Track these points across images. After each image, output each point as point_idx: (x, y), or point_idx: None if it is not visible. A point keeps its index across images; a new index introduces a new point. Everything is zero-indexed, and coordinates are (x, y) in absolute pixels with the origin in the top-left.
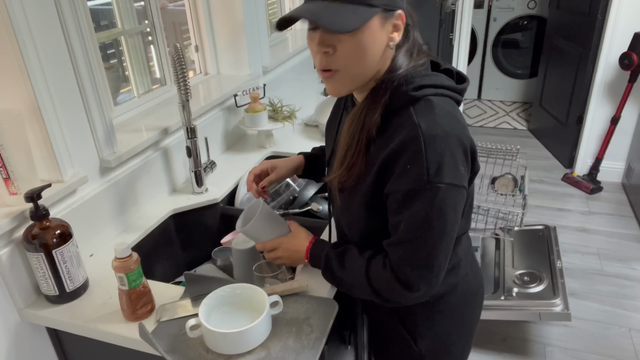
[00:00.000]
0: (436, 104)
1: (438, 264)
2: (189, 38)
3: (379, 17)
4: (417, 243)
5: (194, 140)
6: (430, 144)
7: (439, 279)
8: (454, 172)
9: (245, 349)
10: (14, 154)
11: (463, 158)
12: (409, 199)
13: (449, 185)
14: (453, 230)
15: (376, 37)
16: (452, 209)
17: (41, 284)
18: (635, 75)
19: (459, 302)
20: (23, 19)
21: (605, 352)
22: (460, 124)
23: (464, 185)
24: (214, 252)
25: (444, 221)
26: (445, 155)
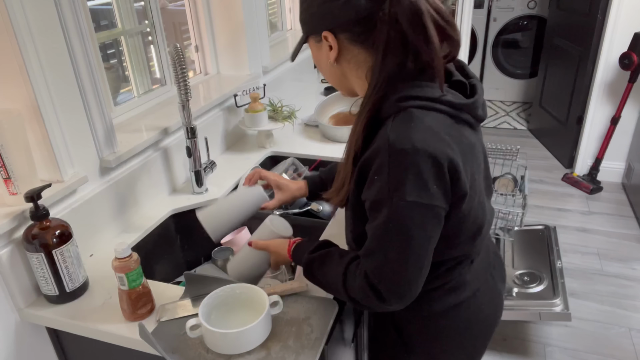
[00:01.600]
0: (416, 117)
1: (406, 280)
2: (189, 38)
3: (312, 41)
4: (382, 256)
5: (194, 140)
6: (395, 158)
7: (411, 293)
8: (419, 190)
9: (245, 349)
10: (14, 154)
11: (435, 177)
12: (374, 209)
13: (412, 203)
14: (422, 249)
15: (318, 55)
16: (418, 227)
17: (41, 284)
18: (635, 75)
19: (459, 325)
20: (23, 19)
21: (605, 352)
22: (442, 141)
23: (436, 204)
24: (214, 252)
25: (407, 238)
26: (409, 171)
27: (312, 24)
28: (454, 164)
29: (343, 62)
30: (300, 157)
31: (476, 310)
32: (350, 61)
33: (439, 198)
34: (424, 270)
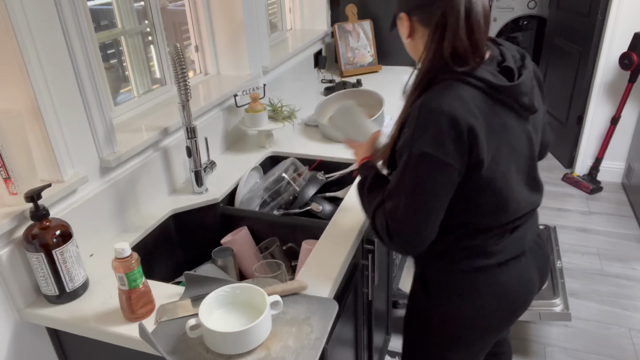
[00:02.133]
0: (451, 87)
1: (412, 228)
2: (189, 38)
3: (398, 20)
4: (396, 198)
5: (194, 140)
6: (423, 114)
7: (414, 242)
8: (436, 144)
9: (245, 349)
10: (14, 154)
11: (454, 137)
12: (398, 157)
13: (427, 154)
14: (430, 201)
15: (400, 31)
16: (429, 178)
17: (41, 284)
18: (635, 75)
19: (484, 293)
20: (23, 19)
21: (605, 352)
22: (468, 110)
23: (448, 162)
24: (214, 252)
25: (417, 186)
26: (431, 127)
27: (396, 5)
28: (474, 131)
29: (415, 39)
30: (300, 157)
31: (499, 283)
32: (420, 39)
33: (453, 157)
34: (430, 224)
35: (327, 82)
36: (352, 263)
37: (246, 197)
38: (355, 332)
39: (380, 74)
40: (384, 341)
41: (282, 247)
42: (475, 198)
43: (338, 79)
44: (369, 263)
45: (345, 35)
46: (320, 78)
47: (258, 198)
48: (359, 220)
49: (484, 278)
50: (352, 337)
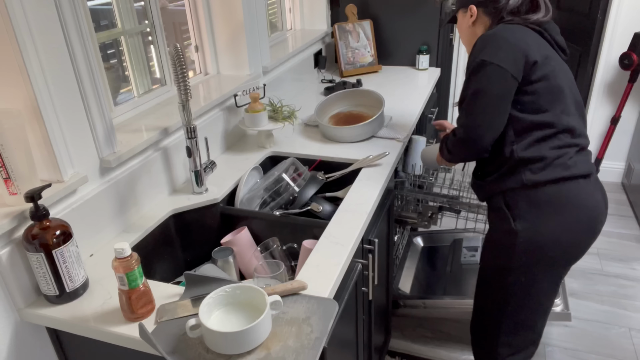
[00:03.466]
0: (504, 26)
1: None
2: (189, 38)
3: (461, 12)
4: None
5: (194, 140)
6: (483, 39)
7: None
8: (494, 54)
9: (245, 349)
10: (14, 154)
11: (508, 50)
12: (466, 74)
13: (486, 61)
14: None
15: (461, 22)
16: (488, 80)
17: (41, 284)
18: (635, 75)
19: (561, 202)
20: (23, 19)
21: (605, 352)
22: (519, 37)
23: (505, 67)
24: (214, 252)
25: (479, 90)
26: (489, 44)
27: (464, 2)
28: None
29: (476, 25)
30: (300, 157)
31: (574, 194)
32: (480, 25)
33: (509, 64)
34: (494, 124)
35: (327, 82)
36: (352, 263)
37: (246, 197)
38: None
39: (380, 74)
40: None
41: (282, 247)
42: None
43: (338, 79)
44: (369, 263)
45: (345, 35)
46: (320, 78)
47: (258, 198)
48: (359, 220)
49: (565, 190)
50: (352, 337)
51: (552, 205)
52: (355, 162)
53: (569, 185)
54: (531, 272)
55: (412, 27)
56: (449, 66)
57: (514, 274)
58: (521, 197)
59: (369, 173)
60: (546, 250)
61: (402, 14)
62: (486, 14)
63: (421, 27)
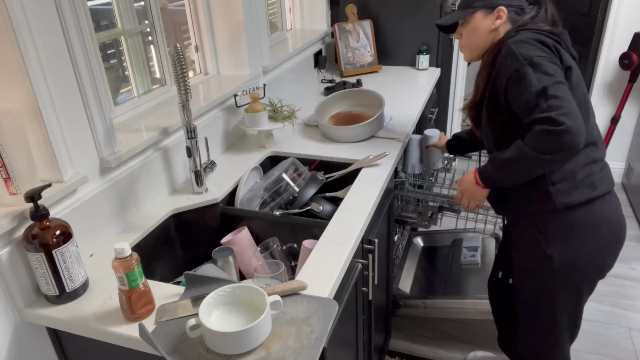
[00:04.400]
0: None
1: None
2: (189, 38)
3: (481, 13)
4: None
5: (194, 140)
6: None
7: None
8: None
9: (245, 349)
10: (14, 154)
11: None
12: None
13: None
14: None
15: (481, 24)
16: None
17: (41, 284)
18: (635, 75)
19: (593, 222)
20: (23, 19)
21: (605, 352)
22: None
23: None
24: (214, 252)
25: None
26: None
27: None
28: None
29: (499, 30)
30: (300, 157)
31: (604, 213)
32: (502, 30)
33: (552, 57)
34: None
35: (327, 82)
36: (352, 263)
37: (246, 197)
38: (356, 332)
39: (380, 74)
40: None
41: (282, 247)
42: None
43: (338, 79)
44: (369, 263)
45: (345, 35)
46: (320, 78)
47: (258, 198)
48: (359, 220)
49: (596, 210)
50: (352, 337)
51: (585, 227)
52: (355, 162)
53: (598, 204)
54: (574, 290)
55: (412, 27)
56: (449, 66)
57: (558, 295)
58: (553, 219)
59: (368, 173)
60: (583, 271)
61: (402, 14)
62: (510, 20)
63: (421, 27)
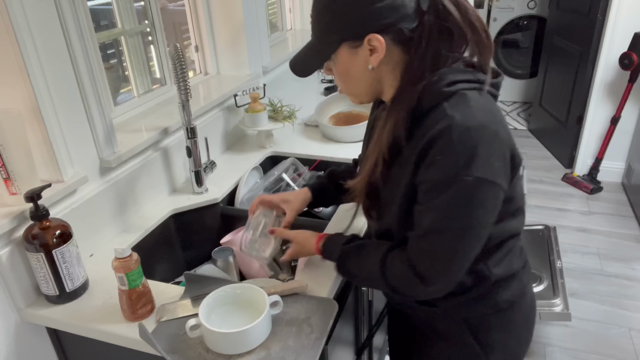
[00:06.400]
0: (471, 97)
1: (459, 260)
2: (189, 38)
3: (346, 48)
4: (440, 236)
5: (194, 140)
6: (463, 135)
7: (457, 275)
8: (486, 166)
9: (245, 349)
10: (14, 154)
11: (499, 153)
12: (433, 190)
13: (479, 179)
14: (481, 228)
15: (350, 63)
16: (481, 205)
17: (41, 284)
18: (635, 75)
19: (528, 311)
20: (23, 19)
21: (605, 352)
22: (498, 118)
23: (497, 182)
24: (214, 252)
25: (469, 216)
26: (478, 147)
27: (353, 28)
28: (511, 140)
29: (382, 65)
30: (300, 157)
31: (532, 295)
32: (389, 62)
33: (501, 177)
34: (474, 253)
35: (327, 82)
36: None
37: (246, 197)
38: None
39: None
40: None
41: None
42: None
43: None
44: None
45: None
46: (320, 78)
47: None
48: (359, 220)
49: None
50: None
51: (522, 320)
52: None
53: (527, 293)
54: None
55: None
56: None
57: None
58: (493, 322)
59: None
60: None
61: None
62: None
63: None
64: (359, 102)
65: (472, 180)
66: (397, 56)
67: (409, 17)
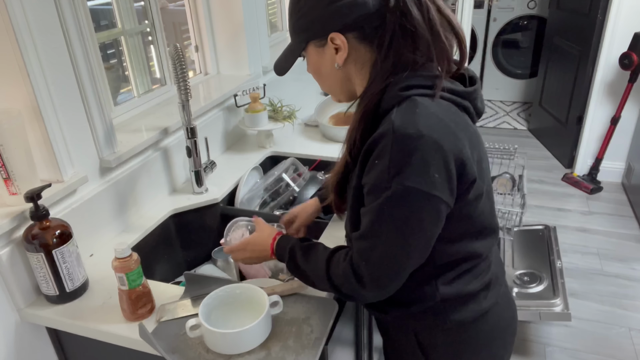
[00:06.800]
0: (420, 103)
1: (392, 267)
2: (189, 38)
3: (313, 47)
4: (374, 240)
5: (194, 140)
6: (399, 142)
7: (392, 285)
8: (421, 176)
9: (245, 349)
10: (14, 154)
11: (440, 164)
12: (371, 193)
13: (411, 188)
14: (415, 240)
15: (319, 61)
16: (415, 216)
17: (41, 284)
18: (635, 75)
19: (488, 335)
20: (23, 19)
21: (605, 352)
22: (447, 128)
23: (436, 194)
24: (214, 252)
25: (401, 225)
26: (412, 156)
27: (316, 27)
28: (461, 153)
29: (349, 64)
30: (300, 157)
31: (497, 319)
32: (357, 61)
33: (442, 189)
34: (411, 264)
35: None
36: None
37: (246, 197)
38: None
39: None
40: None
41: None
42: (465, 224)
43: None
44: None
45: None
46: None
47: (258, 198)
48: None
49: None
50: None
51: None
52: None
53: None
54: None
55: None
56: None
57: None
58: (441, 339)
59: None
60: None
61: None
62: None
63: None
64: (338, 101)
65: (401, 188)
66: (364, 55)
67: (372, 15)
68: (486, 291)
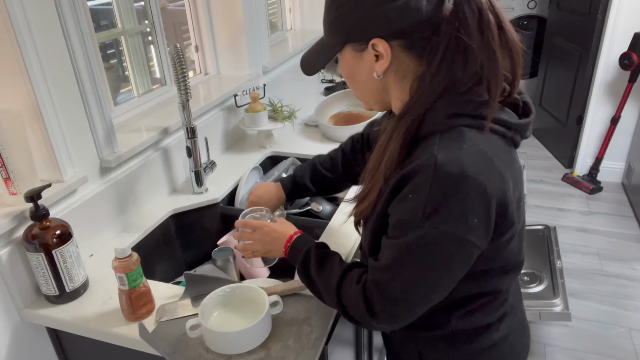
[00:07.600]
0: (468, 138)
1: (408, 305)
2: (189, 38)
3: (351, 50)
4: (393, 275)
5: (194, 140)
6: (440, 181)
7: (405, 319)
8: (458, 220)
9: (245, 349)
10: (14, 154)
11: (480, 209)
12: (398, 228)
13: (445, 232)
14: (439, 282)
15: (355, 66)
16: (442, 260)
17: (41, 284)
18: (635, 75)
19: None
20: (23, 19)
21: (605, 352)
22: (494, 168)
23: (471, 239)
24: (214, 252)
25: (427, 267)
26: (453, 198)
27: (357, 30)
28: (505, 196)
29: (389, 73)
30: (300, 157)
31: (509, 348)
32: (398, 71)
33: (477, 234)
34: (429, 303)
35: (327, 82)
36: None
37: (246, 197)
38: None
39: None
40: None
41: None
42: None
43: (338, 79)
44: None
45: None
46: (320, 78)
47: None
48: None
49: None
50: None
51: None
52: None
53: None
54: None
55: None
56: None
57: None
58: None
59: None
60: None
61: None
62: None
63: None
64: (369, 109)
65: (435, 232)
66: (407, 66)
67: (424, 24)
68: (499, 323)
